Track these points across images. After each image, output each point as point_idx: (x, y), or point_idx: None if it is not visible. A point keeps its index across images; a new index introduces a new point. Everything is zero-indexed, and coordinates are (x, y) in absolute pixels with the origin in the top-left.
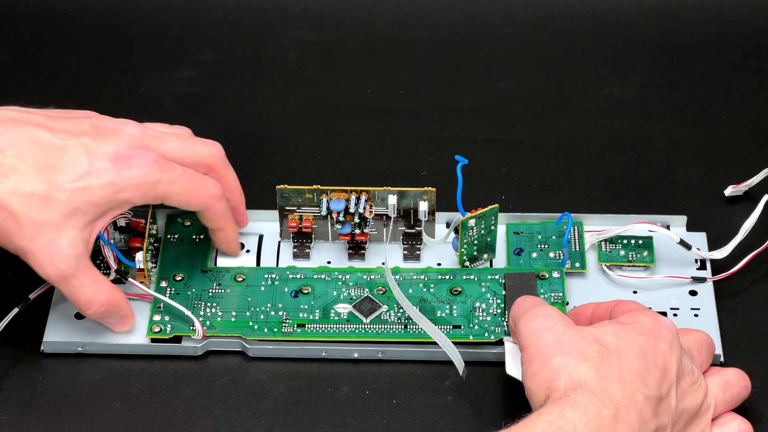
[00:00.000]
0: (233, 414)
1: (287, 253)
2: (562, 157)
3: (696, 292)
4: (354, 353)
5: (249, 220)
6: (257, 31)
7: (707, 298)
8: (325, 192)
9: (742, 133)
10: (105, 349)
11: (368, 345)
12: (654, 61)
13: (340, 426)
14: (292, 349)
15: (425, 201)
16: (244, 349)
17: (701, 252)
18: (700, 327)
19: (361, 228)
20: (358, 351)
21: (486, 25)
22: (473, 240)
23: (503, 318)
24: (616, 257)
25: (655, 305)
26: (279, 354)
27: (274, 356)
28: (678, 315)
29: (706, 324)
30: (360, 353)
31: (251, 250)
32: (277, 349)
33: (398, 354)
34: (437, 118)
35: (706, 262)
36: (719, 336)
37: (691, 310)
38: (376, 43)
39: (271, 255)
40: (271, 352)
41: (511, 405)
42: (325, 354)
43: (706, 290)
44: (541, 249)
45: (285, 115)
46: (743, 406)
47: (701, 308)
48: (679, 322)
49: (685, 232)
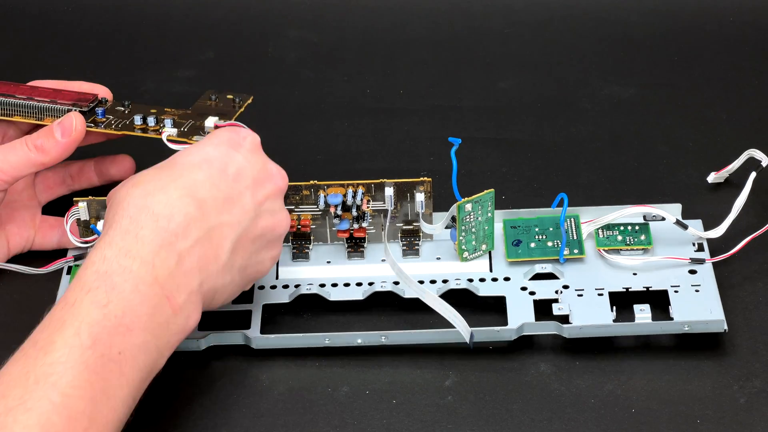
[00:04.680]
0: (233, 414)
1: (286, 254)
2: (562, 157)
3: (695, 271)
4: (357, 339)
5: None
6: (257, 31)
7: (707, 275)
8: (322, 187)
9: (742, 133)
10: None
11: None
12: (654, 61)
13: (340, 426)
14: (296, 337)
15: (422, 192)
16: (247, 341)
17: (697, 231)
18: (702, 301)
19: (359, 222)
20: (362, 337)
21: (486, 25)
22: (471, 227)
23: None
24: (614, 242)
25: (655, 284)
26: (282, 344)
27: (277, 347)
28: (679, 292)
29: (708, 298)
30: (363, 339)
31: None
32: (280, 339)
33: (402, 338)
34: (437, 118)
35: (703, 244)
36: (720, 304)
37: (691, 286)
38: (376, 43)
39: None
40: (274, 342)
41: (511, 405)
42: (328, 342)
43: (706, 269)
44: (539, 239)
45: (285, 115)
46: (742, 405)
47: (702, 284)
48: (681, 298)
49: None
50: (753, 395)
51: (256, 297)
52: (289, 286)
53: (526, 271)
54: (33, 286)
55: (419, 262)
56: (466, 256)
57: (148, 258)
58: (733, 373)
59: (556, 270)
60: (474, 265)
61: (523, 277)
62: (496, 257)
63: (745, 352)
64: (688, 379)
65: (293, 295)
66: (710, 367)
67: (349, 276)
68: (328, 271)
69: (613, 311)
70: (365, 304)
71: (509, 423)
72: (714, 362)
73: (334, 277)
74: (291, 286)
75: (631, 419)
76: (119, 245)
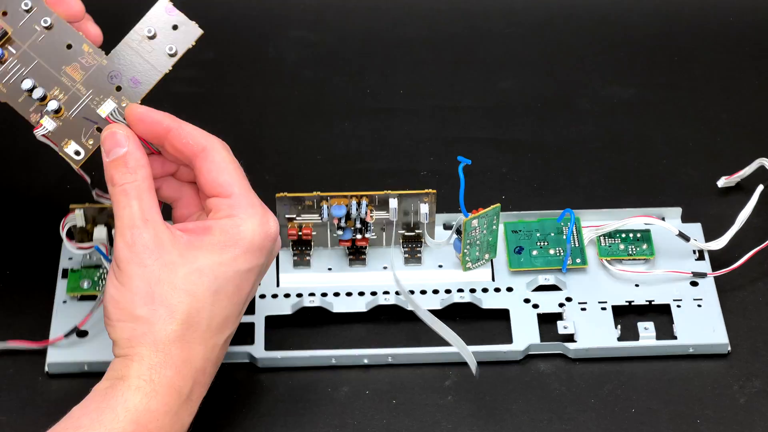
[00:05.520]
0: (233, 414)
1: (287, 261)
2: (562, 157)
3: (697, 283)
4: (364, 359)
5: None
6: (257, 31)
7: (709, 289)
8: (325, 198)
9: (742, 133)
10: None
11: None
12: (654, 61)
13: (340, 426)
14: (301, 357)
15: (426, 203)
16: (253, 360)
17: (699, 243)
18: (704, 316)
19: (362, 233)
20: (368, 357)
21: (486, 25)
22: (476, 240)
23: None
24: (616, 251)
25: (657, 298)
26: (288, 364)
27: (283, 366)
28: (681, 306)
29: (710, 313)
30: (370, 359)
31: None
32: (286, 359)
33: (408, 358)
34: (437, 118)
35: (704, 253)
36: (723, 323)
37: (694, 300)
38: (376, 43)
39: (270, 266)
40: (281, 362)
41: (511, 405)
42: (335, 361)
43: (707, 282)
44: (540, 246)
45: (285, 115)
46: (742, 405)
47: (704, 298)
48: (683, 312)
49: (680, 224)
50: (753, 395)
51: (258, 308)
52: (291, 295)
53: (529, 282)
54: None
55: (421, 270)
56: (469, 266)
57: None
58: (733, 373)
59: (559, 281)
60: (476, 274)
61: (526, 288)
62: (498, 264)
63: (745, 352)
64: (688, 379)
65: (296, 306)
66: (710, 367)
67: (351, 284)
68: (329, 279)
69: (618, 329)
70: (369, 312)
71: (509, 423)
72: (714, 362)
73: (335, 285)
74: (293, 295)
75: (631, 419)
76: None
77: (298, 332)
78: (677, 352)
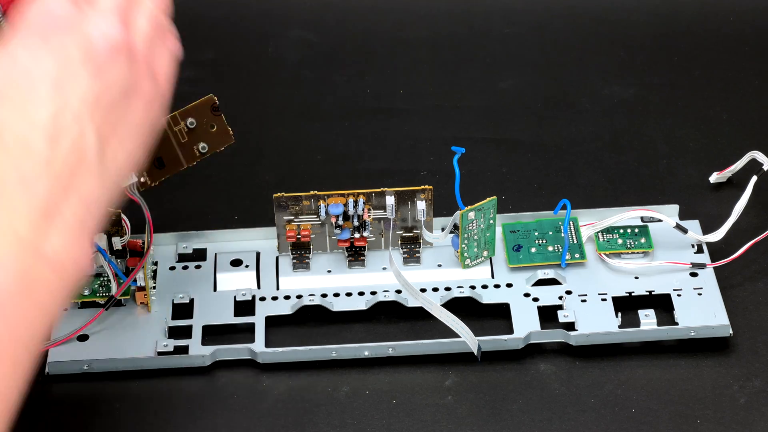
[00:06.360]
0: (233, 414)
1: (287, 265)
2: (562, 157)
3: (697, 274)
4: (365, 351)
5: (245, 238)
6: (257, 31)
7: (708, 278)
8: (322, 197)
9: (742, 133)
10: (112, 365)
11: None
12: (654, 61)
13: (340, 426)
14: (302, 351)
15: (422, 201)
16: (254, 356)
17: (697, 235)
18: (706, 305)
19: (360, 232)
20: (369, 349)
21: (486, 25)
22: (473, 235)
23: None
24: (615, 246)
25: (657, 288)
26: (289, 358)
27: (284, 361)
28: (682, 295)
29: (711, 301)
30: (371, 351)
31: (250, 265)
32: (286, 354)
33: (409, 349)
34: (437, 118)
35: (703, 246)
36: (724, 308)
37: (694, 289)
38: (376, 43)
39: (270, 270)
40: (281, 356)
41: (511, 405)
42: (335, 355)
43: (707, 272)
44: (539, 244)
45: (285, 115)
46: (742, 405)
47: (704, 287)
48: (683, 300)
49: (677, 221)
50: (753, 395)
51: (258, 309)
52: (291, 297)
53: (528, 277)
54: None
55: (421, 270)
56: (468, 263)
57: None
58: (733, 373)
59: (558, 275)
60: (476, 272)
61: (526, 283)
62: (497, 262)
63: (745, 352)
64: (688, 379)
65: (296, 306)
66: (710, 367)
67: (350, 285)
68: (329, 281)
69: (618, 317)
70: (369, 311)
71: (509, 423)
72: (714, 362)
73: (335, 286)
74: (293, 296)
75: (631, 419)
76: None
77: (298, 332)
78: (678, 336)
